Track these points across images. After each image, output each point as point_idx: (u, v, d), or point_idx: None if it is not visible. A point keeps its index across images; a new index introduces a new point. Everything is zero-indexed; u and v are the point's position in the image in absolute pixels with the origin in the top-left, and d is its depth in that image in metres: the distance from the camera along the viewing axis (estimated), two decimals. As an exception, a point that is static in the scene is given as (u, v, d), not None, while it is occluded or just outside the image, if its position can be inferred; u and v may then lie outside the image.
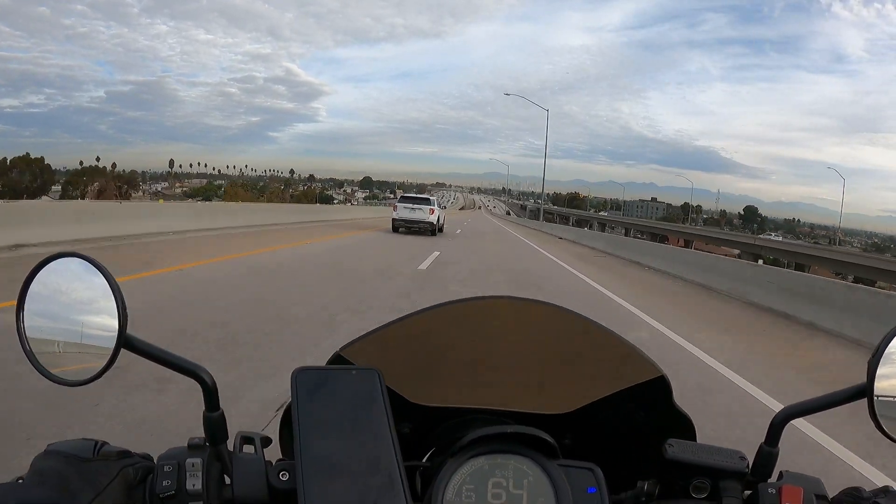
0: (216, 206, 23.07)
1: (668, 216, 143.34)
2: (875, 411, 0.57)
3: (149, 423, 2.73)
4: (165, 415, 2.82)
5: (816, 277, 9.28)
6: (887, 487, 0.58)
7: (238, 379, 3.40)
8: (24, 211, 10.22)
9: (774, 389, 4.25)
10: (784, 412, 0.60)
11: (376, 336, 0.66)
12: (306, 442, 0.54)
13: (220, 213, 16.79)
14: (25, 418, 2.64)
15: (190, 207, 18.06)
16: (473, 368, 0.68)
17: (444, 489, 0.55)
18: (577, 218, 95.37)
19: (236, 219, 16.37)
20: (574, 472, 0.57)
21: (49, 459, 0.53)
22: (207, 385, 0.58)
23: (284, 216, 21.12)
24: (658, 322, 6.63)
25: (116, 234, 10.37)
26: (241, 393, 3.16)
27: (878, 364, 0.57)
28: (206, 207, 19.82)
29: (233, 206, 20.56)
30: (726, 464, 0.58)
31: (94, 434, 0.60)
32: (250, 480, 0.56)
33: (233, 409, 2.81)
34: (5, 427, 2.56)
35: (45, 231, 8.82)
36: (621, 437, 0.69)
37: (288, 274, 8.22)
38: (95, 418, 2.72)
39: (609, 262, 15.39)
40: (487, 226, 40.42)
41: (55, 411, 2.72)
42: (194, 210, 16.34)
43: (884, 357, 0.57)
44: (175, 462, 0.55)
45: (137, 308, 4.57)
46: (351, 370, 0.60)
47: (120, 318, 0.55)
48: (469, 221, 44.58)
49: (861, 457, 3.11)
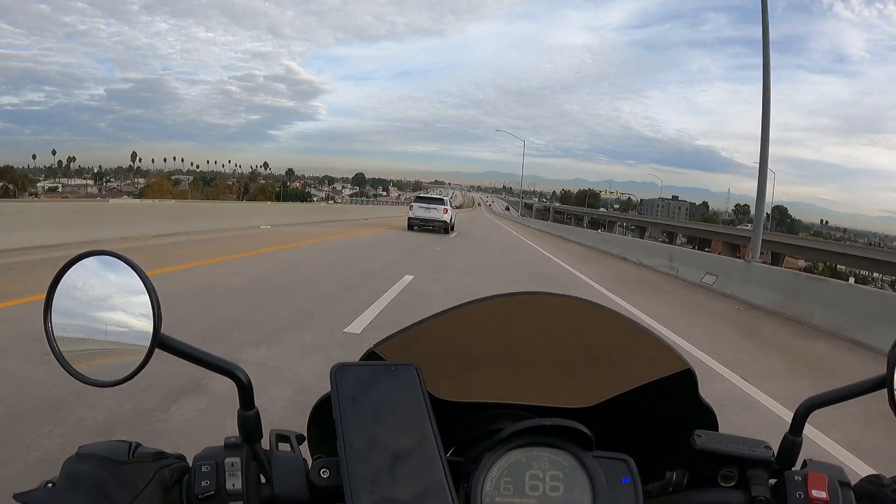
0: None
1: (692, 216, 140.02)
2: (895, 401, 0.58)
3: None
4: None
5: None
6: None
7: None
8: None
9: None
10: (807, 403, 0.61)
11: (409, 333, 0.66)
12: (349, 438, 0.54)
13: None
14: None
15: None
16: (500, 364, 0.68)
17: (483, 482, 0.55)
18: (594, 218, 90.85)
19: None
20: (608, 463, 0.57)
21: (82, 463, 0.51)
22: (243, 383, 0.57)
23: (198, 221, 14.18)
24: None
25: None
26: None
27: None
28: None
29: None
30: (753, 453, 0.60)
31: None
32: (290, 479, 0.56)
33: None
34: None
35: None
36: (648, 429, 0.71)
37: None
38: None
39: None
40: (488, 227, 34.61)
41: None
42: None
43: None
44: (213, 462, 0.54)
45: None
46: (390, 366, 0.60)
47: (155, 317, 0.54)
48: (466, 224, 34.93)
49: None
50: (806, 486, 0.58)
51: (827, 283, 8.48)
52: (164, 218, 13.56)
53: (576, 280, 11.07)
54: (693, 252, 21.70)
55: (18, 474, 2.26)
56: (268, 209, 22.70)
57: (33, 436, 2.60)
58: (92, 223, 10.52)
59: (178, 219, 13.93)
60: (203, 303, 5.75)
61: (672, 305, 8.93)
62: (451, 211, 21.91)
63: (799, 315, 7.98)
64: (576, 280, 11.07)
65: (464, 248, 15.77)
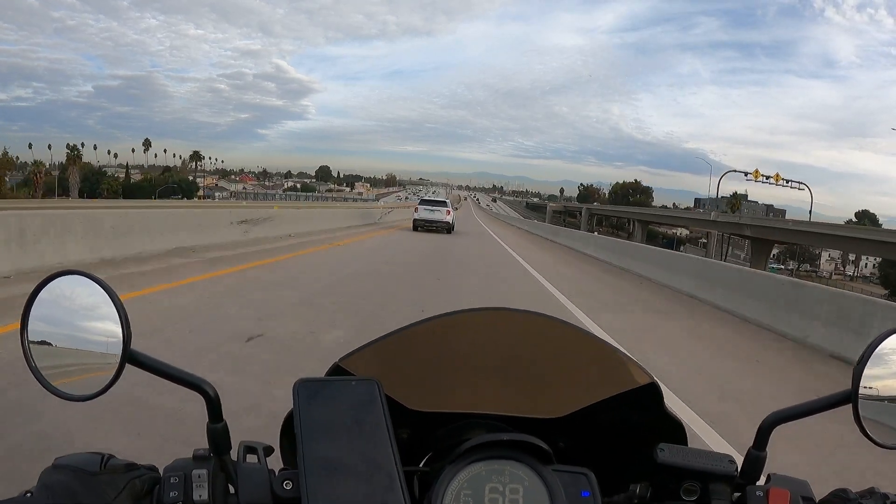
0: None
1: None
2: (860, 417, 0.58)
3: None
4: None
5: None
6: (872, 489, 0.61)
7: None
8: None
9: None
10: (771, 417, 0.62)
11: (375, 347, 0.68)
12: (308, 451, 0.55)
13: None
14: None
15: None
16: (470, 375, 0.69)
17: (443, 495, 0.56)
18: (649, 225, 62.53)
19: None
20: (568, 476, 0.58)
21: (57, 474, 0.54)
22: (210, 397, 0.59)
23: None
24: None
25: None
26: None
27: (862, 371, 0.59)
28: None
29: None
30: (716, 467, 0.60)
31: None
32: (255, 490, 0.57)
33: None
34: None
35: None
36: (614, 441, 0.71)
37: None
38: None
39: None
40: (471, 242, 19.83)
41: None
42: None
43: (868, 365, 0.59)
44: (181, 473, 0.56)
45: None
46: (350, 381, 0.61)
47: (124, 334, 0.56)
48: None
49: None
50: (767, 502, 0.58)
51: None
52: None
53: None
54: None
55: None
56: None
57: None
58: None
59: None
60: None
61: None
62: (453, 213, 23.95)
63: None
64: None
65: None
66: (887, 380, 0.60)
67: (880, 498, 0.59)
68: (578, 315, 7.09)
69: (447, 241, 18.64)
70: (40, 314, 0.57)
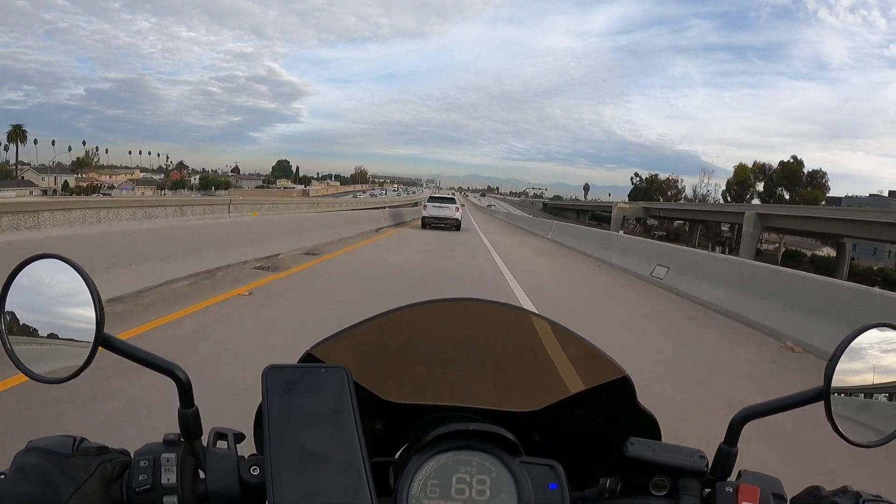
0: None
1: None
2: (832, 414, 0.58)
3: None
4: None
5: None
6: (845, 487, 0.60)
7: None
8: None
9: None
10: (743, 413, 0.61)
11: (347, 335, 0.68)
12: (276, 437, 0.56)
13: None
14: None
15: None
16: (444, 367, 0.70)
17: (410, 484, 0.57)
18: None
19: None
20: (536, 468, 0.58)
21: (30, 456, 0.55)
22: (182, 382, 0.59)
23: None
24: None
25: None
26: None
27: (834, 368, 0.58)
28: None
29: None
30: (686, 462, 0.60)
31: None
32: (223, 475, 0.58)
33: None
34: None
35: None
36: (587, 435, 0.71)
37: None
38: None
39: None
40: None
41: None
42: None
43: (840, 361, 0.59)
44: (150, 457, 0.57)
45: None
46: (320, 368, 0.61)
47: (98, 317, 0.57)
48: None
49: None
50: (737, 498, 0.57)
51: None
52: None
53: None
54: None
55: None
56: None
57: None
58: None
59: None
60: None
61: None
62: (462, 210, 23.79)
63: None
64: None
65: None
66: (860, 376, 0.60)
67: (853, 496, 0.59)
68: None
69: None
70: (17, 297, 0.58)
